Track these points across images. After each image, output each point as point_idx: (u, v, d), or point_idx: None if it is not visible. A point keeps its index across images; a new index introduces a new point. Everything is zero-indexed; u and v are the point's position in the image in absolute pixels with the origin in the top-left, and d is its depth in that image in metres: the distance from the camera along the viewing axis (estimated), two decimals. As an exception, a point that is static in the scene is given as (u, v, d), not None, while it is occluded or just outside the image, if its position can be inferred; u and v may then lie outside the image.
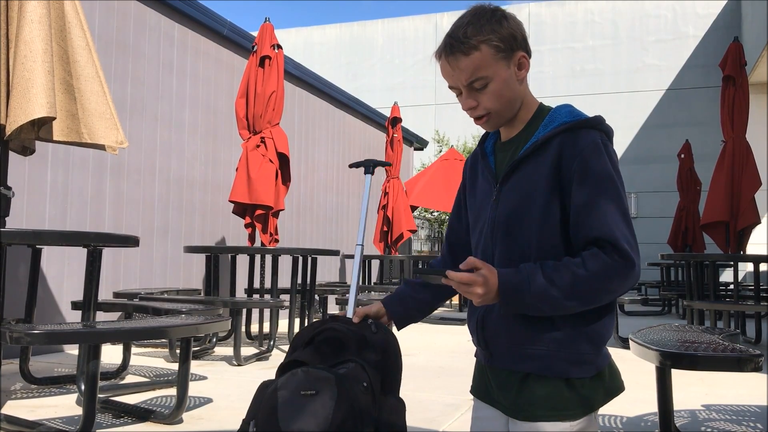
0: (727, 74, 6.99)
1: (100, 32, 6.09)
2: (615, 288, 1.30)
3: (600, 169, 1.32)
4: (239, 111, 6.39)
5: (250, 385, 4.28)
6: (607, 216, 1.30)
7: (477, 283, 1.29)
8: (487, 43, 1.37)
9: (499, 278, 1.31)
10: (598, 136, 1.36)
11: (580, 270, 1.28)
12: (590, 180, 1.32)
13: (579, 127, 1.37)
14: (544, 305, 1.31)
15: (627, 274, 1.29)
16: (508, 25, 1.39)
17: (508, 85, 1.40)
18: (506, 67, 1.39)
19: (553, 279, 1.29)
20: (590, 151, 1.33)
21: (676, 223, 11.10)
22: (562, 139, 1.36)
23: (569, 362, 1.34)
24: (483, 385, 1.50)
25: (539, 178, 1.36)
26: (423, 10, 41.47)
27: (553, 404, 1.34)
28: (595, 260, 1.29)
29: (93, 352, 2.79)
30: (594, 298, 1.31)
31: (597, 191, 1.31)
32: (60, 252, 5.59)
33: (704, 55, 16.79)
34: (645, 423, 3.48)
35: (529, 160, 1.39)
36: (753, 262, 6.42)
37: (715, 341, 2.66)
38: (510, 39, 1.38)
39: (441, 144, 18.16)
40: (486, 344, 1.45)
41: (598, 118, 1.40)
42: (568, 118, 1.39)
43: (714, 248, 8.32)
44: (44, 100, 3.26)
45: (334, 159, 11.00)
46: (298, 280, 6.26)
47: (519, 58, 1.40)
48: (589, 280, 1.28)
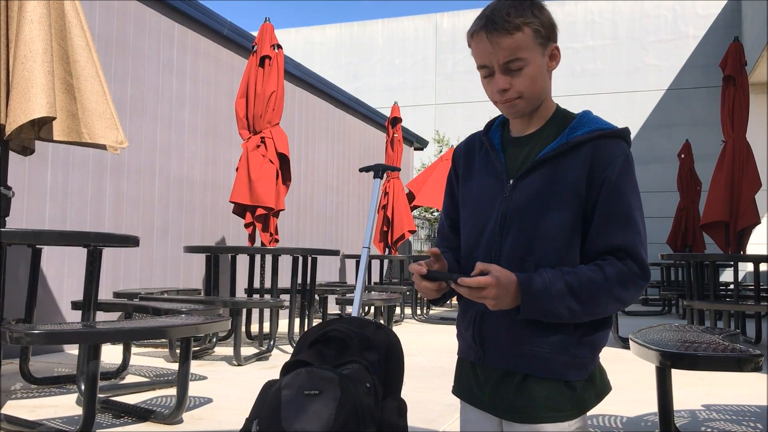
0: (727, 74, 6.99)
1: (100, 32, 6.09)
2: (629, 297, 1.34)
3: (631, 182, 1.36)
4: (239, 111, 6.39)
5: (250, 385, 4.29)
6: (631, 227, 1.34)
7: (491, 285, 1.26)
8: (530, 26, 1.35)
9: (519, 283, 1.29)
10: (626, 148, 1.39)
11: (599, 276, 1.31)
12: (621, 191, 1.34)
13: (612, 135, 1.39)
14: (562, 311, 1.30)
15: (641, 285, 1.33)
16: (547, 13, 1.40)
17: (541, 73, 1.39)
18: (541, 55, 1.38)
19: (572, 285, 1.30)
20: (623, 163, 1.36)
21: (676, 223, 11.10)
22: (597, 144, 1.37)
23: (569, 365, 1.34)
24: (468, 386, 1.48)
25: (566, 178, 1.36)
26: (423, 10, 41.53)
27: (552, 405, 1.34)
28: (612, 268, 1.32)
29: (93, 352, 2.79)
30: (609, 306, 1.34)
31: (626, 202, 1.34)
32: (60, 252, 5.59)
33: (704, 55, 16.79)
34: (645, 423, 3.48)
35: (555, 160, 1.38)
36: (753, 262, 6.42)
37: (715, 341, 2.66)
38: (549, 27, 1.39)
39: (441, 144, 18.17)
40: (482, 341, 1.42)
41: (627, 130, 1.42)
42: (600, 125, 1.40)
43: (714, 248, 8.34)
44: (44, 100, 3.26)
45: (334, 159, 11.00)
46: (298, 280, 6.26)
47: (552, 49, 1.40)
48: (607, 288, 1.31)
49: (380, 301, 5.88)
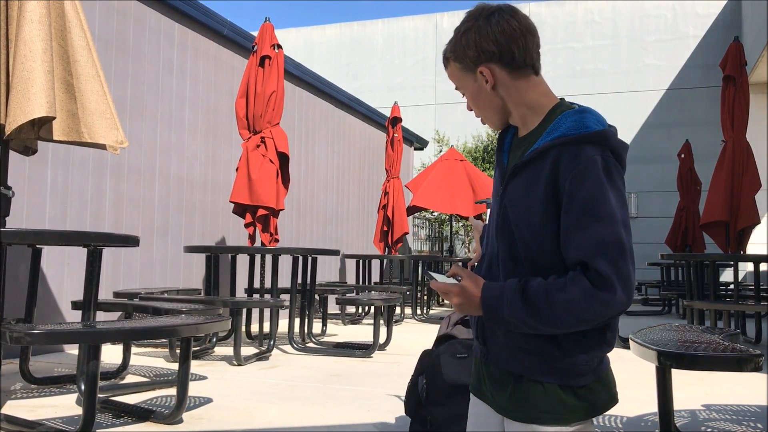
0: (727, 74, 6.99)
1: (100, 32, 6.09)
2: (594, 316, 1.26)
3: (591, 190, 1.26)
4: (239, 111, 6.39)
5: (250, 385, 4.29)
6: (593, 239, 1.25)
7: (453, 293, 1.35)
8: (452, 59, 1.45)
9: (482, 292, 1.34)
10: (598, 152, 1.29)
11: (561, 295, 1.26)
12: (579, 201, 1.27)
13: (578, 142, 1.30)
14: (521, 326, 1.31)
15: (607, 300, 1.24)
16: (474, 38, 1.39)
17: (480, 96, 1.43)
18: (473, 81, 1.43)
19: (531, 303, 1.28)
20: (584, 170, 1.27)
21: (676, 223, 11.11)
22: (559, 152, 1.30)
23: (562, 370, 1.33)
24: (478, 381, 1.50)
25: (537, 187, 1.33)
26: (423, 10, 41.47)
27: (546, 407, 1.33)
28: (575, 285, 1.25)
29: (93, 352, 2.79)
30: (569, 322, 1.28)
31: (584, 212, 1.26)
32: (60, 252, 5.59)
33: (704, 55, 16.79)
34: (645, 423, 3.48)
35: (529, 166, 1.36)
36: (753, 262, 6.42)
37: (716, 341, 2.66)
38: (471, 57, 1.40)
39: (441, 144, 18.16)
40: (484, 340, 1.45)
41: (604, 133, 1.31)
42: (569, 130, 1.32)
43: (714, 248, 8.34)
44: (44, 100, 3.26)
45: (334, 159, 11.00)
46: (298, 280, 6.26)
47: (479, 72, 1.41)
48: (568, 306, 1.25)
49: (380, 301, 5.88)
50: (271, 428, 3.24)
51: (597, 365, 1.36)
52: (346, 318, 8.90)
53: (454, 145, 16.49)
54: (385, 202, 9.71)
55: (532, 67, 1.41)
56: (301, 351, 5.90)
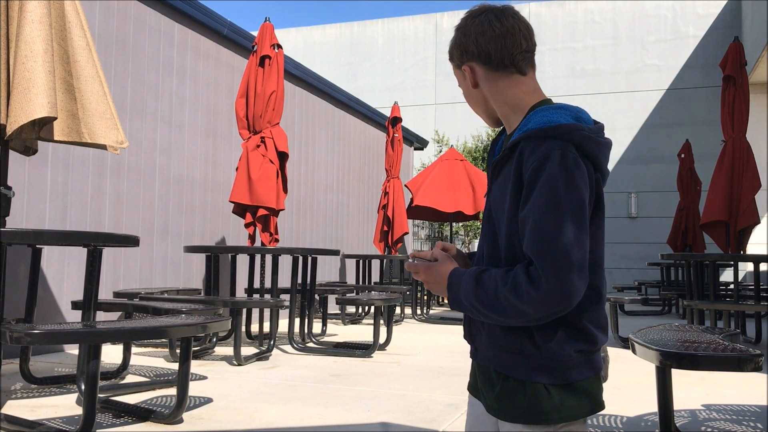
0: (727, 74, 6.99)
1: (100, 32, 6.09)
2: (523, 309, 1.25)
3: (544, 184, 1.26)
4: (239, 111, 6.39)
5: (250, 385, 4.29)
6: (536, 235, 1.25)
7: (420, 271, 1.44)
8: (449, 57, 1.55)
9: (449, 274, 1.40)
10: (558, 147, 1.28)
11: (503, 286, 1.28)
12: (533, 194, 1.27)
13: (539, 136, 1.31)
14: (474, 312, 1.34)
15: (534, 298, 1.23)
16: (459, 37, 1.48)
17: (468, 93, 1.52)
18: (463, 78, 1.51)
19: (481, 288, 1.32)
20: (540, 164, 1.27)
21: (676, 223, 11.11)
22: (523, 146, 1.33)
23: (542, 368, 1.32)
24: (473, 380, 1.51)
25: (508, 184, 1.35)
26: (423, 10, 41.46)
27: (528, 406, 1.32)
28: (515, 278, 1.26)
29: (93, 352, 2.79)
30: (508, 313, 1.28)
31: (535, 207, 1.26)
32: (60, 252, 5.59)
33: (704, 55, 16.79)
34: (645, 423, 3.48)
35: (502, 164, 1.40)
36: (753, 262, 6.42)
37: (716, 341, 2.66)
38: (457, 55, 1.50)
39: (441, 144, 18.16)
40: (471, 339, 1.47)
41: (568, 127, 1.31)
42: (535, 124, 1.34)
43: (714, 248, 8.36)
44: (45, 100, 3.26)
45: (334, 159, 11.00)
46: (298, 280, 6.26)
47: (463, 69, 1.49)
48: (506, 297, 1.26)
49: (380, 300, 5.88)
50: (271, 428, 3.24)
51: (581, 363, 1.33)
52: (346, 318, 8.90)
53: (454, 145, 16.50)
54: (385, 202, 9.71)
55: (514, 67, 1.43)
56: (301, 351, 5.90)
